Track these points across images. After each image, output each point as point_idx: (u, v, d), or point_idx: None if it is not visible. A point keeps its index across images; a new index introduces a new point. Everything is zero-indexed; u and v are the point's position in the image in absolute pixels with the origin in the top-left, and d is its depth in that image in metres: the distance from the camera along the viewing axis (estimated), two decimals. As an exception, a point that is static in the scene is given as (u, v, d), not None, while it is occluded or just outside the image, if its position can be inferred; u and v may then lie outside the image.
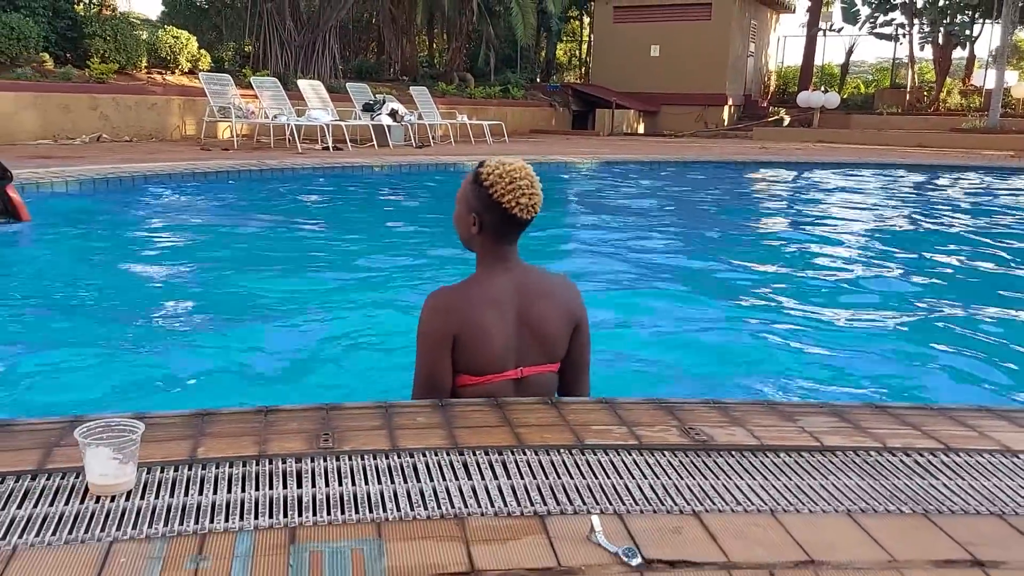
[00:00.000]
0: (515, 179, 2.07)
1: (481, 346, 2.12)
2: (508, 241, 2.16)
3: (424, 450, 1.87)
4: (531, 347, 2.17)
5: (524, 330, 2.15)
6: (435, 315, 2.13)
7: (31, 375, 2.91)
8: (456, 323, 2.10)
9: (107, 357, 3.18)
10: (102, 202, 7.22)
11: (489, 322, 2.11)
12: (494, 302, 2.13)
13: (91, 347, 3.31)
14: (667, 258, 5.66)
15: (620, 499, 1.68)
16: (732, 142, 19.89)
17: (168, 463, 1.77)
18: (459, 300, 2.14)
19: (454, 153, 12.91)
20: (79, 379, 2.90)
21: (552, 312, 2.18)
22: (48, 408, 2.61)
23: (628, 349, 3.44)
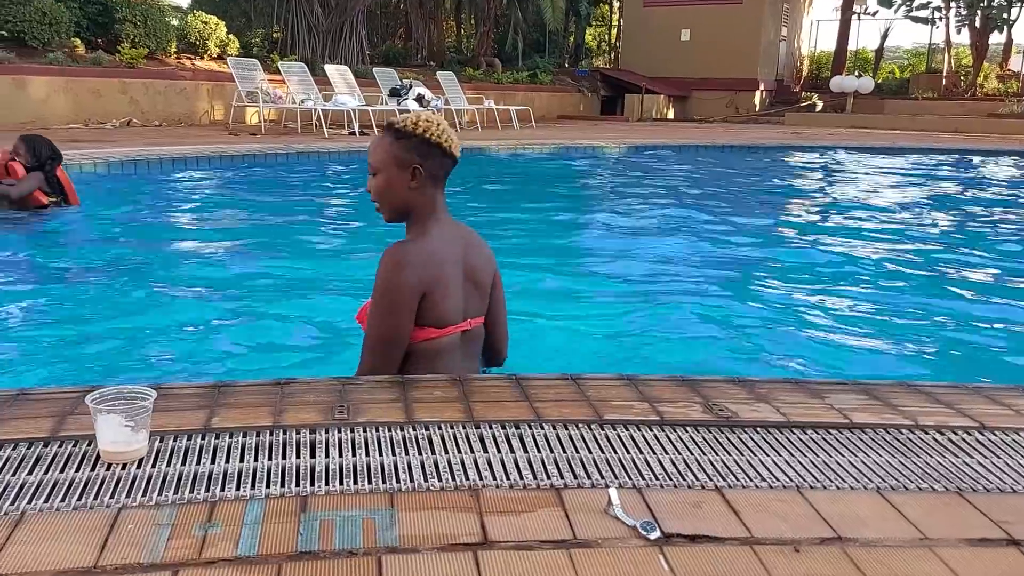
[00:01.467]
0: (432, 120, 2.11)
1: (445, 299, 2.11)
2: (440, 189, 2.17)
3: (440, 423, 1.83)
4: (473, 299, 2.20)
5: (469, 281, 2.18)
6: (404, 271, 2.07)
7: (54, 347, 2.91)
8: (424, 278, 2.07)
9: (130, 331, 3.19)
10: (130, 184, 7.26)
11: (449, 275, 2.12)
12: (450, 255, 2.14)
13: (115, 321, 3.32)
14: (695, 239, 5.56)
15: (640, 473, 1.63)
16: (764, 127, 19.62)
17: (182, 432, 1.75)
18: (425, 255, 2.10)
19: (480, 138, 12.84)
20: (101, 352, 2.90)
21: (484, 262, 2.23)
22: (69, 379, 2.62)
23: (650, 328, 3.39)
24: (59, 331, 3.16)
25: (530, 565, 1.30)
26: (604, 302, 3.88)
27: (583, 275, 4.49)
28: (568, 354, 3.12)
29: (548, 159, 11.15)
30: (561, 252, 5.23)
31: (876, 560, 1.37)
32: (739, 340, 3.23)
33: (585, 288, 4.17)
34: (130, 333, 3.16)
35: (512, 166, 10.45)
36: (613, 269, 4.58)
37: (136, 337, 3.09)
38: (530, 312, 3.69)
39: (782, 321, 3.57)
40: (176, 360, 2.92)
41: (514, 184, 9.10)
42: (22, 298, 3.64)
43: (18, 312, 3.40)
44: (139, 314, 3.48)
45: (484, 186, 8.62)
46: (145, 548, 1.31)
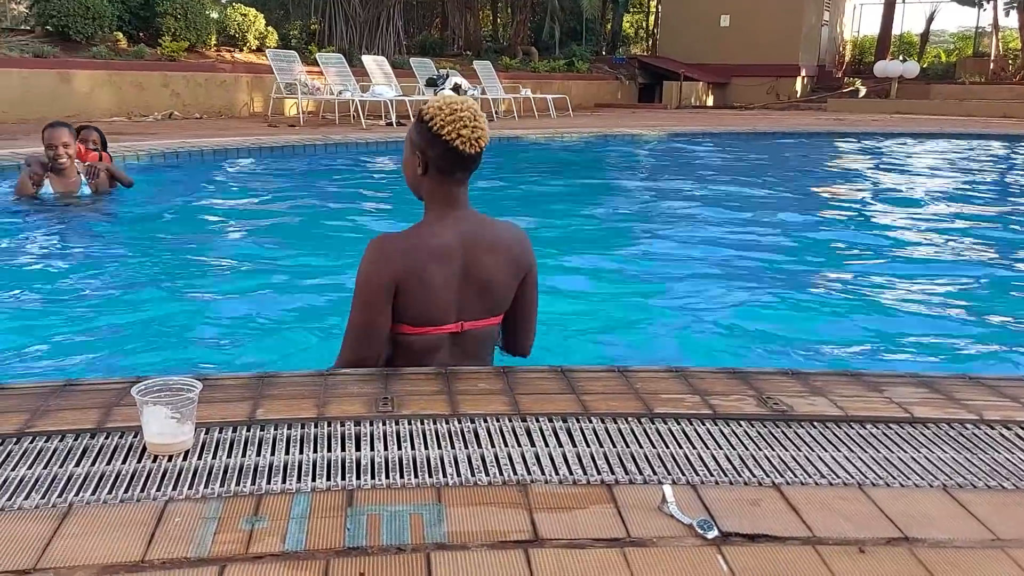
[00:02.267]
0: (455, 111, 1.97)
1: (422, 298, 2.02)
2: (454, 182, 2.04)
3: (485, 416, 1.79)
4: (475, 301, 2.07)
5: (469, 283, 2.05)
6: (375, 262, 2.02)
7: (99, 337, 2.93)
8: (397, 272, 1.99)
9: (174, 322, 3.20)
10: (172, 175, 7.33)
11: (432, 274, 2.01)
12: (439, 253, 2.02)
13: (158, 312, 3.33)
14: (739, 228, 5.44)
15: (693, 469, 1.58)
16: (805, 114, 19.26)
17: (226, 424, 1.73)
18: (402, 248, 2.02)
19: (517, 127, 12.77)
20: (145, 342, 2.91)
21: (500, 265, 2.07)
22: (111, 370, 2.63)
23: (700, 319, 3.32)
24: (104, 321, 3.19)
25: (583, 564, 1.26)
26: (646, 293, 3.81)
27: (624, 265, 4.41)
28: (611, 345, 3.07)
29: (586, 147, 11.05)
30: (601, 242, 5.15)
31: (945, 561, 1.31)
32: (790, 331, 3.14)
33: (626, 278, 4.11)
34: (174, 324, 3.17)
35: (549, 155, 10.37)
36: (655, 259, 4.50)
37: (180, 328, 3.11)
38: (570, 302, 3.64)
39: (834, 312, 3.48)
40: (219, 351, 2.92)
41: (551, 173, 9.03)
42: (68, 287, 3.68)
43: (65, 301, 3.44)
44: (182, 305, 3.50)
45: (521, 175, 8.56)
46: (192, 542, 1.29)
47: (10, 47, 11.66)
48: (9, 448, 1.61)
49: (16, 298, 3.45)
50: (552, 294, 3.73)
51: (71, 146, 5.28)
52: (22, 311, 3.26)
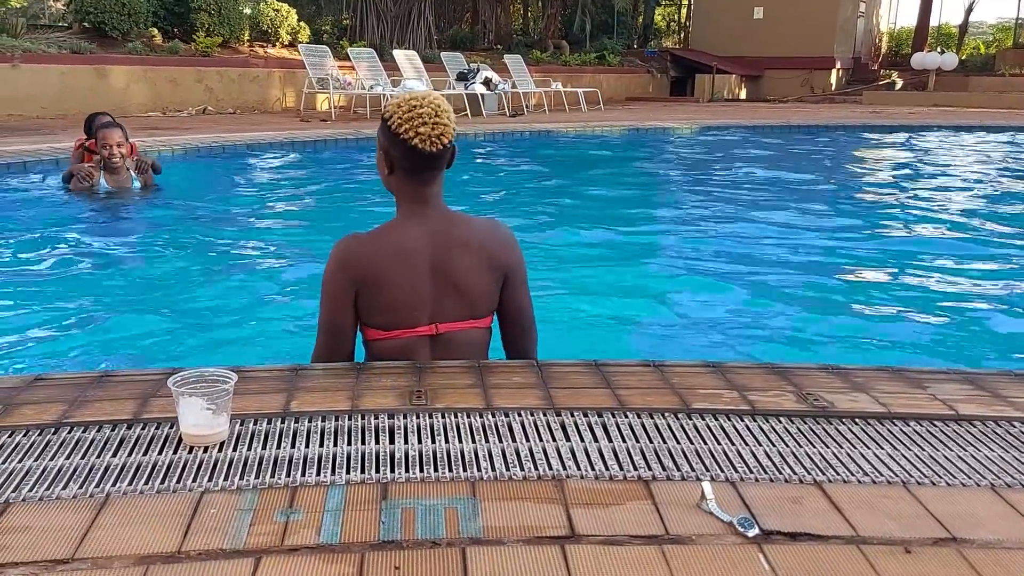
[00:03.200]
0: (414, 107, 1.89)
1: (386, 299, 1.97)
2: (421, 181, 1.97)
3: (520, 410, 1.78)
4: (449, 301, 2.00)
5: (440, 283, 1.98)
6: (335, 264, 1.98)
7: (136, 329, 2.96)
8: (357, 274, 1.96)
9: (209, 314, 3.22)
10: (205, 169, 7.40)
11: (395, 274, 1.95)
12: (403, 252, 1.96)
13: (193, 304, 3.36)
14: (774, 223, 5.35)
15: (732, 466, 1.55)
16: (840, 107, 18.97)
17: (261, 415, 1.73)
18: (364, 249, 1.98)
19: (547, 121, 12.73)
20: (180, 334, 2.93)
21: (473, 264, 1.99)
22: (149, 361, 2.65)
23: (735, 313, 3.27)
24: (146, 313, 3.21)
25: (620, 561, 1.24)
26: (680, 287, 3.76)
27: (657, 259, 4.38)
28: (645, 340, 3.03)
29: (617, 141, 10.98)
30: (632, 237, 5.10)
31: (995, 563, 1.27)
32: (828, 327, 3.09)
33: (659, 273, 4.06)
34: (212, 316, 3.19)
35: (580, 148, 10.32)
36: (689, 254, 4.44)
37: (217, 320, 3.13)
38: (601, 298, 3.61)
39: (873, 307, 3.41)
40: (256, 343, 2.94)
41: (582, 168, 8.98)
42: (105, 281, 3.72)
43: (102, 294, 3.47)
44: (218, 297, 3.52)
45: (551, 170, 8.53)
46: (228, 534, 1.29)
47: (48, 43, 11.84)
48: (48, 438, 1.62)
49: (63, 289, 3.50)
50: (584, 290, 3.71)
51: (124, 145, 5.47)
52: (66, 302, 3.30)
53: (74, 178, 5.44)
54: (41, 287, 3.61)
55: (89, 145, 5.58)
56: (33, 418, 1.70)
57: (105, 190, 5.52)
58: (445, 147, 1.93)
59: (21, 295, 3.47)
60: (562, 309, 3.37)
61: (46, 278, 3.79)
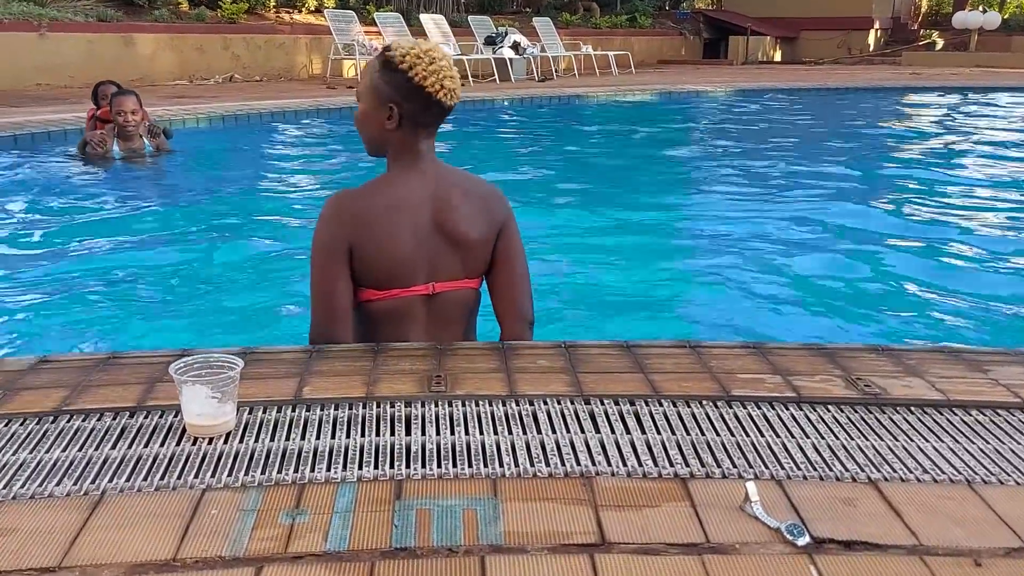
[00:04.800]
0: (435, 59, 1.81)
1: (383, 256, 1.86)
2: (426, 135, 1.89)
3: (545, 397, 1.66)
4: (447, 259, 1.91)
5: (438, 239, 1.89)
6: (328, 222, 1.86)
7: (151, 305, 2.88)
8: (351, 231, 1.84)
9: (228, 290, 3.13)
10: (227, 137, 7.31)
11: (393, 229, 1.85)
12: (401, 206, 1.86)
13: (208, 278, 3.28)
14: (815, 191, 5.12)
15: (778, 461, 1.42)
16: (879, 68, 18.43)
17: (271, 403, 1.63)
18: (358, 205, 1.86)
19: (577, 86, 12.48)
20: (191, 309, 2.84)
21: (473, 217, 1.91)
22: (157, 335, 2.56)
23: (774, 288, 3.11)
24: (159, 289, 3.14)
25: (656, 573, 1.12)
26: (715, 260, 3.59)
27: (691, 230, 4.20)
28: (679, 318, 2.89)
29: (649, 106, 10.71)
30: (666, 208, 4.92)
31: (1077, 578, 1.13)
32: (875, 303, 2.91)
33: (694, 244, 3.89)
34: (222, 290, 3.10)
35: (611, 114, 10.08)
36: (725, 225, 4.25)
37: (227, 294, 3.03)
38: (633, 271, 3.46)
39: (924, 281, 3.22)
40: (274, 320, 2.84)
41: (614, 133, 8.77)
42: (119, 253, 3.64)
43: (116, 269, 3.40)
44: (232, 270, 3.43)
45: (583, 136, 8.33)
46: (228, 538, 1.19)
47: (75, 11, 11.78)
48: (46, 427, 1.53)
49: (73, 263, 3.43)
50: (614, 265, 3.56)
51: (138, 112, 5.50)
52: (77, 275, 3.24)
53: (88, 145, 5.50)
54: (51, 260, 3.56)
55: (101, 114, 5.57)
56: (32, 405, 1.61)
57: (119, 156, 5.55)
58: (457, 100, 1.88)
59: (31, 270, 3.41)
60: (590, 285, 3.23)
61: (57, 251, 3.74)
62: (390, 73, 1.83)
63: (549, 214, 4.66)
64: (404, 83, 1.81)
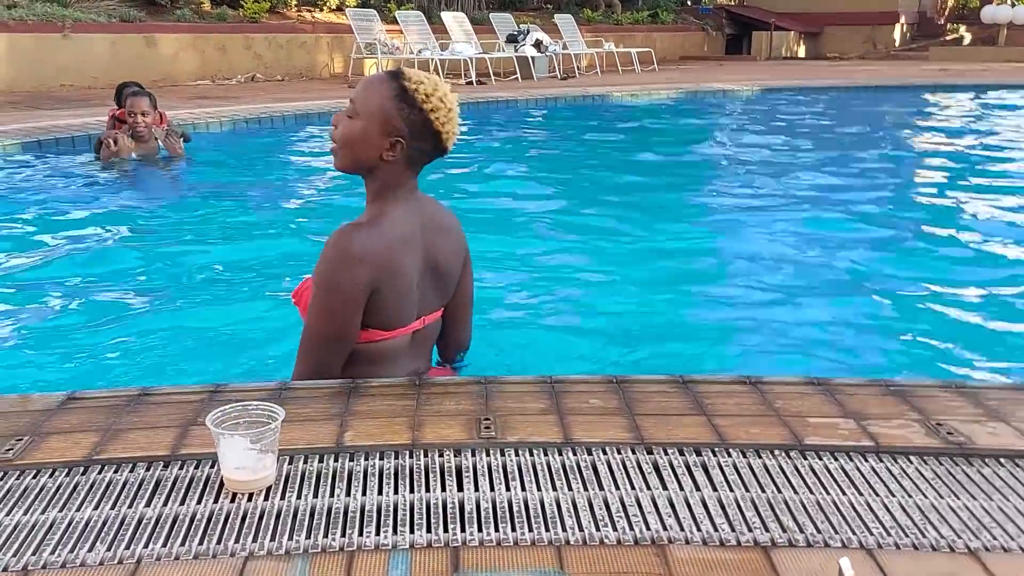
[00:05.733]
0: (452, 108, 1.79)
1: (397, 296, 1.79)
2: (418, 171, 1.86)
3: (604, 445, 1.55)
4: (432, 292, 1.90)
5: (428, 272, 1.86)
6: (348, 263, 1.72)
7: (179, 329, 2.79)
8: (374, 273, 1.73)
9: (256, 311, 3.03)
10: (252, 142, 7.24)
11: (404, 267, 1.79)
12: (407, 242, 1.80)
13: (226, 300, 3.17)
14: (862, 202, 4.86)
15: (865, 525, 1.30)
16: (906, 64, 18.14)
17: (312, 451, 1.53)
18: (378, 245, 1.74)
19: (602, 84, 12.33)
20: (225, 336, 2.75)
21: (451, 248, 1.91)
22: (190, 365, 2.47)
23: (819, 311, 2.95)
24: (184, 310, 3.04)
25: (747, 667, 1.02)
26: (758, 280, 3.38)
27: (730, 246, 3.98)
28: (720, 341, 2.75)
29: (675, 105, 10.54)
30: (702, 217, 4.72)
31: None
32: (938, 330, 2.74)
33: (735, 261, 3.66)
34: (245, 312, 2.99)
35: (636, 113, 9.92)
36: (767, 237, 4.04)
37: (251, 317, 2.92)
38: (667, 288, 3.33)
39: (993, 305, 3.03)
40: (290, 347, 2.74)
41: (640, 135, 8.62)
42: (136, 269, 3.56)
43: (142, 289, 3.31)
44: (252, 290, 3.32)
45: (608, 139, 8.19)
46: (274, 618, 1.10)
47: (98, 12, 11.77)
48: (76, 479, 1.44)
49: (93, 281, 3.35)
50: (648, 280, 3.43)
51: (149, 114, 5.45)
52: (97, 299, 3.15)
53: (102, 146, 5.44)
54: (64, 272, 3.47)
55: (119, 115, 5.50)
56: (61, 454, 1.52)
57: (132, 159, 5.48)
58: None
59: (43, 284, 3.34)
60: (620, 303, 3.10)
61: (68, 261, 3.66)
62: (408, 108, 1.74)
63: (578, 223, 4.54)
64: (420, 123, 1.75)
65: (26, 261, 3.70)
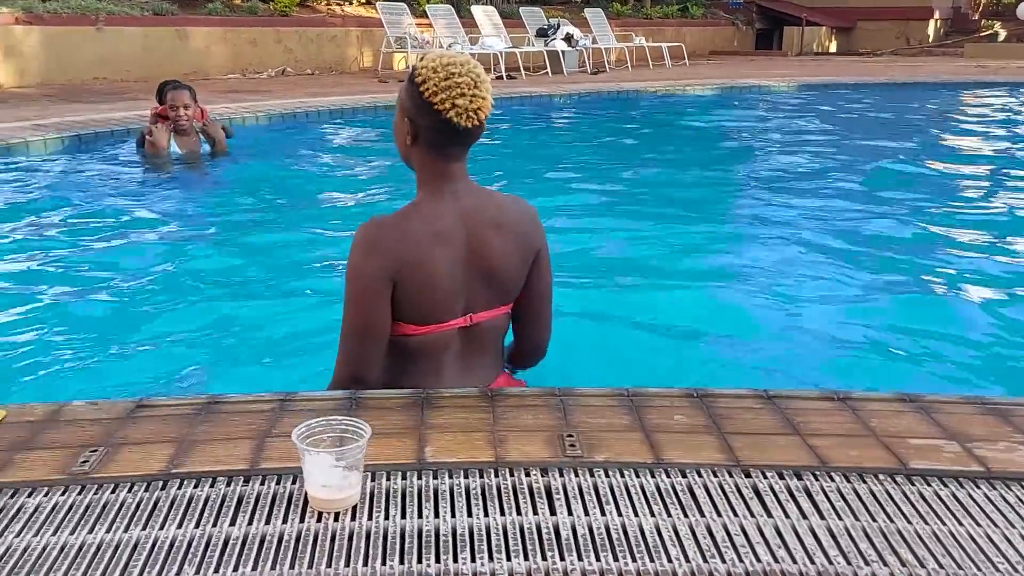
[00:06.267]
0: (452, 74, 1.65)
1: (426, 290, 1.73)
2: (451, 157, 1.74)
3: (698, 467, 1.48)
4: (482, 288, 1.79)
5: (475, 268, 1.76)
6: (369, 254, 1.71)
7: (243, 338, 2.74)
8: (393, 263, 1.70)
9: (297, 312, 2.98)
10: (287, 138, 7.20)
11: (435, 260, 1.72)
12: (439, 236, 1.72)
13: (279, 299, 3.13)
14: (926, 204, 4.75)
15: (990, 562, 1.23)
16: (940, 60, 17.86)
17: (394, 468, 1.48)
18: (397, 235, 1.71)
19: (632, 79, 12.21)
20: (290, 338, 2.69)
21: (507, 244, 1.78)
22: (256, 367, 2.43)
23: (898, 321, 2.85)
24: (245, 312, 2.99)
25: None
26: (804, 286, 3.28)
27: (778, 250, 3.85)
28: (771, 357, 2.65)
29: (712, 101, 10.38)
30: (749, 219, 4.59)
31: None
32: (1005, 339, 2.65)
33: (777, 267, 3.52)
34: (298, 314, 2.95)
35: (673, 109, 9.79)
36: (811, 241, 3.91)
37: (303, 319, 2.88)
38: (717, 291, 3.25)
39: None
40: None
41: (678, 133, 8.50)
42: (198, 274, 3.53)
43: (195, 293, 3.28)
44: (302, 291, 3.29)
45: (646, 135, 8.09)
46: (379, 653, 1.04)
47: (131, 5, 11.81)
48: (155, 495, 1.40)
49: (147, 285, 3.32)
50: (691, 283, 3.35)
51: (191, 107, 5.45)
52: (150, 302, 3.12)
53: (146, 141, 5.45)
54: (117, 271, 3.44)
55: (161, 111, 5.49)
56: (137, 467, 1.48)
57: (176, 155, 5.47)
58: (481, 122, 1.70)
59: (96, 283, 3.31)
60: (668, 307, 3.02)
61: (118, 260, 3.64)
62: (411, 85, 1.70)
63: (613, 223, 4.45)
64: (417, 98, 1.68)
65: (73, 257, 3.69)
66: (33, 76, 10.19)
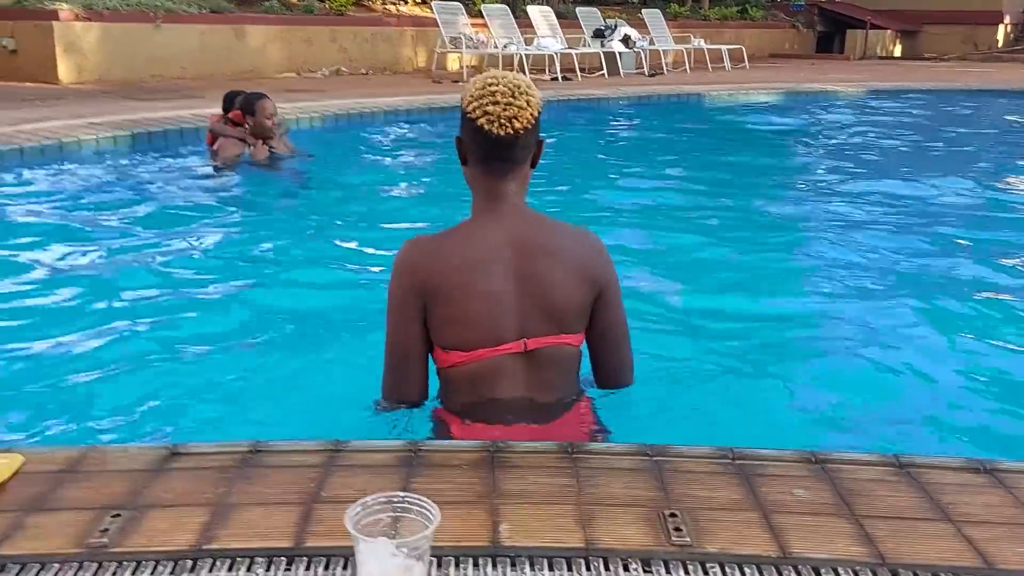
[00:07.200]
0: (488, 84, 1.65)
1: (463, 311, 1.69)
2: (493, 173, 1.71)
3: (835, 564, 1.22)
4: (538, 314, 1.72)
5: (526, 294, 1.70)
6: (401, 273, 1.73)
7: (292, 361, 2.53)
8: (419, 281, 1.69)
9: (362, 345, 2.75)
10: (347, 139, 7.05)
11: (472, 282, 1.69)
12: (479, 257, 1.70)
13: (356, 325, 2.88)
14: (1007, 225, 4.40)
15: None
16: (1012, 66, 17.13)
17: (463, 552, 1.24)
18: (429, 253, 1.71)
19: (693, 82, 11.86)
20: (340, 363, 2.48)
21: (560, 270, 1.72)
22: (301, 398, 2.21)
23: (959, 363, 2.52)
24: (300, 341, 2.76)
25: None
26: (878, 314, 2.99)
27: (845, 273, 3.56)
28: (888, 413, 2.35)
29: (778, 107, 9.94)
30: (827, 240, 4.21)
31: None
32: None
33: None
34: (363, 347, 2.72)
35: (738, 115, 9.40)
36: (894, 265, 3.60)
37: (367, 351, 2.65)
38: (795, 323, 2.95)
39: None
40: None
41: (742, 139, 8.15)
42: (258, 290, 3.34)
43: (250, 299, 3.09)
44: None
45: (703, 143, 7.76)
46: None
47: (189, 3, 11.82)
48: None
49: (204, 300, 3.13)
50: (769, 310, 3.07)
51: (276, 116, 5.34)
52: (205, 311, 2.93)
53: (221, 148, 5.32)
54: (172, 283, 3.28)
55: (234, 116, 5.35)
56: (164, 540, 1.26)
57: (248, 161, 5.33)
58: (516, 132, 1.65)
59: (152, 292, 3.14)
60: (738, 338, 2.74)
61: (176, 271, 3.48)
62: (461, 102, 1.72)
63: (676, 242, 4.16)
64: (462, 111, 1.69)
65: (133, 265, 3.53)
66: (91, 73, 10.21)
